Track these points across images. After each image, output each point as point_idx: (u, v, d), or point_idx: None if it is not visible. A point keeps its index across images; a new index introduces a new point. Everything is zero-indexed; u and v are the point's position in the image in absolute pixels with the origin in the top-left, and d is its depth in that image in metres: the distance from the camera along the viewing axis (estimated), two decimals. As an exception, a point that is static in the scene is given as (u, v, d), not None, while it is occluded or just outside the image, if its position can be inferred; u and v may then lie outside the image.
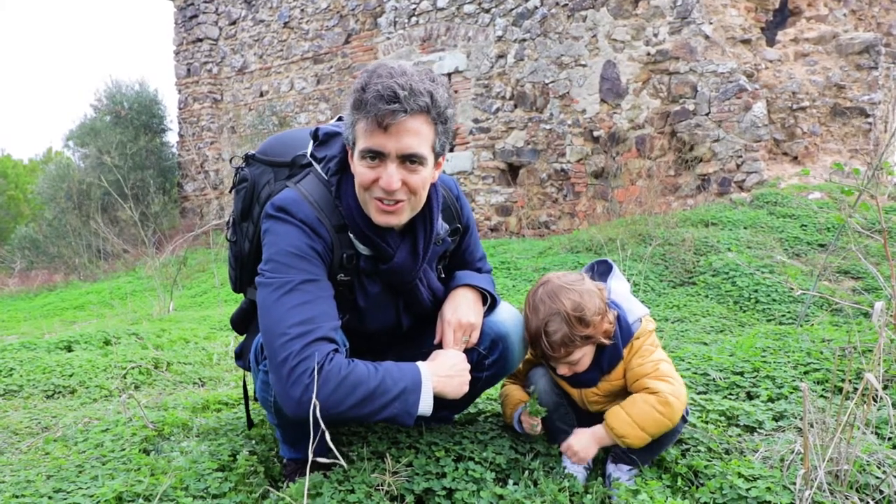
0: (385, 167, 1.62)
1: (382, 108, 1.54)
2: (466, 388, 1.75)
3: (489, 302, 1.95)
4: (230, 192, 2.05)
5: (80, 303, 9.05)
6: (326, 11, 11.47)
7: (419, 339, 1.91)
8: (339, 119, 1.96)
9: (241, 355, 2.09)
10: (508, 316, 1.96)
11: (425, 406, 1.63)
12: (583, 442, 1.89)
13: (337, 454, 1.44)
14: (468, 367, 1.78)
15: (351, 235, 1.75)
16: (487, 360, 1.93)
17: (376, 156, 1.61)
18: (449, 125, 1.69)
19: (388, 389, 1.58)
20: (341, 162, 1.77)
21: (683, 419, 1.88)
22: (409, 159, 1.62)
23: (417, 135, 1.60)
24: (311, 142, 1.85)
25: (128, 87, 14.71)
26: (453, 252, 2.02)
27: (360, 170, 1.64)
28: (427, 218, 1.79)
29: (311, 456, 1.47)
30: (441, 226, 1.86)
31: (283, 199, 1.71)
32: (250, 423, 2.24)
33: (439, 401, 1.68)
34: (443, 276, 2.00)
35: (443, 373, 1.70)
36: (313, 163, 1.82)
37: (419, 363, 1.69)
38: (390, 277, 1.82)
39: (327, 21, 11.49)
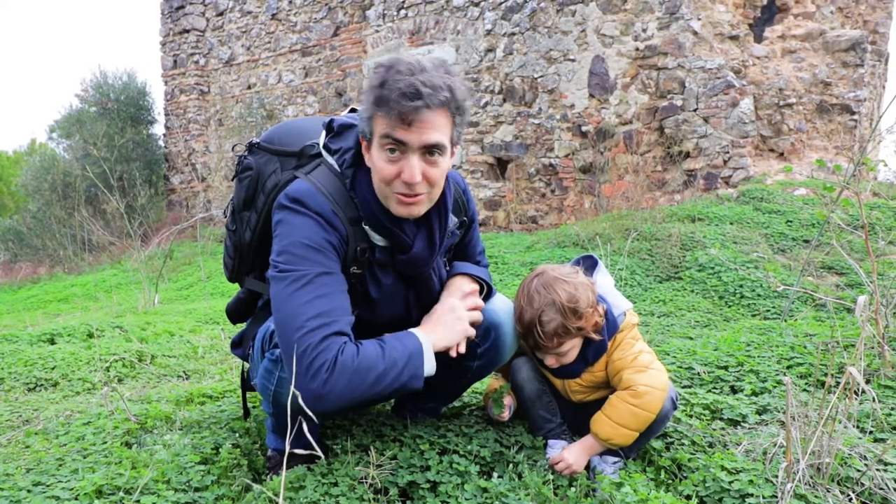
0: (407, 160, 1.61)
1: (406, 105, 1.54)
2: (462, 329, 1.76)
3: (485, 292, 1.96)
4: (232, 180, 2.02)
5: (64, 295, 8.96)
6: (314, 3, 11.40)
7: None
8: (352, 111, 1.95)
9: (238, 344, 2.07)
10: (502, 305, 1.97)
11: (430, 366, 1.66)
12: (574, 454, 1.90)
13: (315, 446, 1.43)
14: (456, 308, 1.79)
15: (366, 227, 1.75)
16: (480, 347, 1.93)
17: (397, 147, 1.61)
18: (466, 116, 1.70)
19: (395, 362, 1.60)
20: (357, 154, 1.76)
21: (674, 404, 1.89)
22: (430, 151, 1.62)
23: (438, 129, 1.61)
24: (325, 133, 1.84)
25: (115, 78, 14.53)
26: (457, 244, 2.04)
27: (381, 164, 1.64)
28: (442, 209, 1.80)
29: (287, 448, 1.48)
30: (451, 219, 1.88)
31: (297, 190, 1.70)
32: (246, 414, 2.22)
33: (430, 389, 1.68)
34: (447, 267, 2.02)
35: (436, 328, 1.73)
36: (325, 153, 1.81)
37: (412, 329, 1.72)
38: (407, 268, 1.83)
39: (315, 13, 11.41)
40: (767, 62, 7.78)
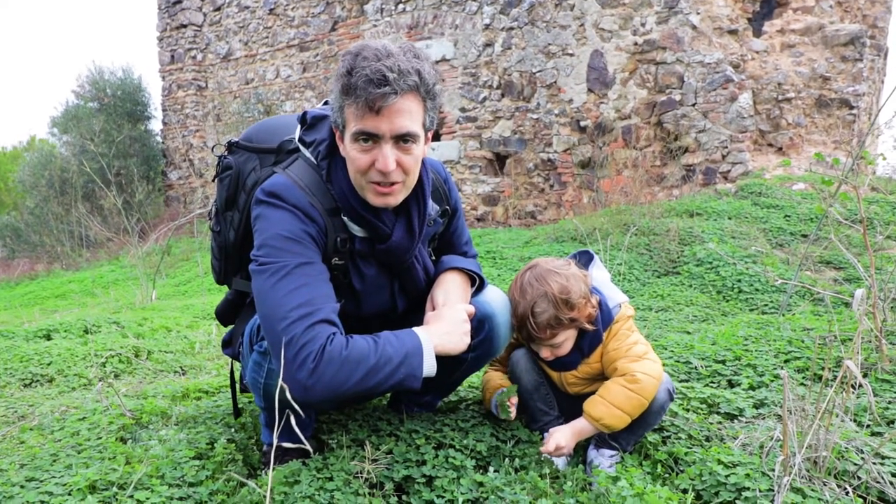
0: (380, 149, 1.61)
1: (373, 92, 1.53)
2: (467, 341, 1.75)
3: (476, 284, 1.96)
4: (213, 180, 2.02)
5: (61, 291, 8.95)
6: (312, -2, 11.36)
7: (413, 322, 1.90)
8: (326, 103, 1.94)
9: (228, 343, 2.06)
10: (495, 297, 1.96)
11: (429, 367, 1.64)
12: (565, 435, 1.90)
13: (303, 439, 1.42)
14: (466, 320, 1.77)
15: (345, 218, 1.75)
16: (473, 340, 1.91)
17: (370, 138, 1.60)
18: (437, 101, 1.68)
19: (390, 358, 1.58)
20: (331, 145, 1.76)
21: (671, 396, 1.89)
22: (403, 139, 1.61)
23: (410, 114, 1.60)
24: (299, 126, 1.84)
25: (111, 74, 14.50)
26: (441, 234, 2.02)
27: (355, 154, 1.63)
28: (420, 195, 1.80)
29: (275, 440, 1.47)
30: (431, 206, 1.87)
31: (273, 184, 1.70)
32: (237, 412, 2.22)
33: (425, 383, 1.67)
34: (433, 258, 2.01)
35: (441, 332, 1.71)
36: (301, 147, 1.80)
37: (415, 328, 1.70)
38: (387, 257, 1.82)
39: (313, 8, 11.37)
40: (766, 57, 7.75)
